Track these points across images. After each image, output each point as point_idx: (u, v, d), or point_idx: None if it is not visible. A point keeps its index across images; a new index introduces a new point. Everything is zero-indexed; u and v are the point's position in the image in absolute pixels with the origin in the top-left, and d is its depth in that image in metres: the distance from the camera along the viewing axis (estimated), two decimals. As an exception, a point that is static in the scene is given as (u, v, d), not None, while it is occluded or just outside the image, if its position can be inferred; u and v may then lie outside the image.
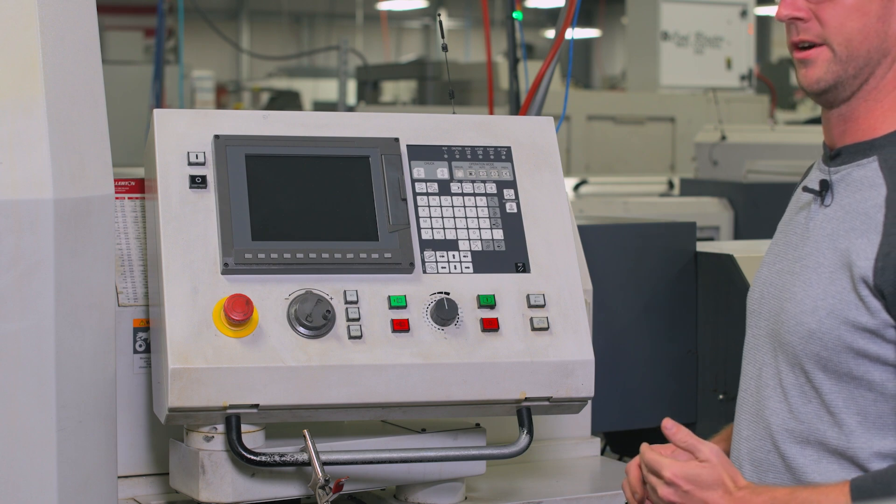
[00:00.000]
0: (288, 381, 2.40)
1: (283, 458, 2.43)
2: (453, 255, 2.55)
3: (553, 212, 2.63)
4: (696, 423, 3.60)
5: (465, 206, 2.60)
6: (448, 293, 2.51)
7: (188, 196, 2.49)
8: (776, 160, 6.44)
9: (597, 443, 3.18)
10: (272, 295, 2.44)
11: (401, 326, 2.47)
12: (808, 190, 2.33)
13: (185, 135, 2.53)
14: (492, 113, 4.11)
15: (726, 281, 3.51)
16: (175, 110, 2.58)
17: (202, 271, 2.44)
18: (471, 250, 2.56)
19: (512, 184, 2.64)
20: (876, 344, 2.17)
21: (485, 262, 2.56)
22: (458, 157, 2.64)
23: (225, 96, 19.16)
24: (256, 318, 2.41)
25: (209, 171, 2.51)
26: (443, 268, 2.54)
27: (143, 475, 2.73)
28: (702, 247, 3.67)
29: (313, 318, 2.42)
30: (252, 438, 2.46)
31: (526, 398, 2.51)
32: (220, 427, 2.46)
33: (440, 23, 3.15)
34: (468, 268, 2.55)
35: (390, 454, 2.52)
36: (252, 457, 2.42)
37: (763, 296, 2.41)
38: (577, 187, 7.40)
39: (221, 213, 2.47)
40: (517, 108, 5.64)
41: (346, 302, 2.46)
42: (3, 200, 2.24)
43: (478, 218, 2.60)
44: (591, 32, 25.82)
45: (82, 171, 2.33)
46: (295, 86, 18.99)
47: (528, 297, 2.54)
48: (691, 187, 6.70)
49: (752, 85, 11.18)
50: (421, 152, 2.62)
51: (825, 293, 2.22)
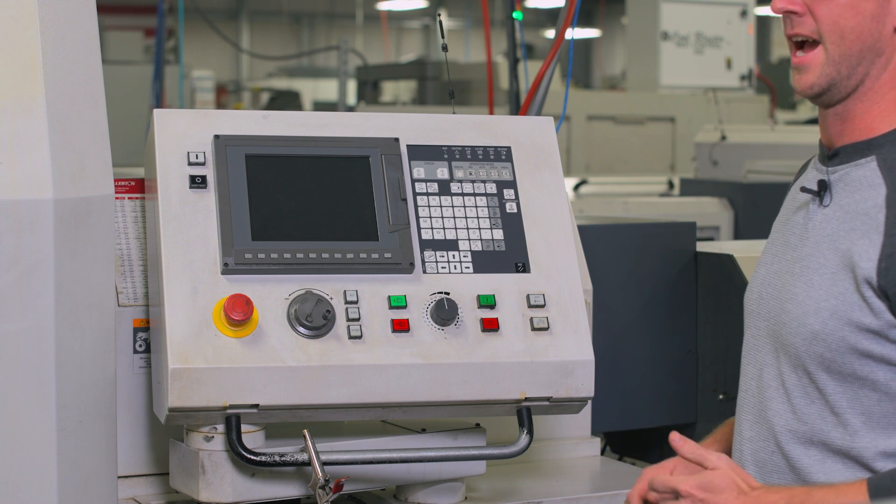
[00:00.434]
0: (288, 381, 2.40)
1: (283, 458, 2.43)
2: (453, 255, 2.55)
3: (553, 212, 2.63)
4: (695, 423, 3.60)
5: (465, 206, 2.60)
6: (448, 293, 2.51)
7: (188, 196, 2.49)
8: (776, 160, 6.44)
9: (597, 443, 3.17)
10: (272, 295, 2.44)
11: (401, 326, 2.47)
12: (806, 190, 2.32)
13: (185, 135, 2.53)
14: (492, 113, 4.11)
15: (726, 281, 3.51)
16: (175, 110, 2.58)
17: (202, 271, 2.44)
18: (471, 250, 2.56)
19: (512, 184, 2.64)
20: (880, 344, 2.16)
21: (485, 262, 2.56)
22: (458, 157, 2.64)
23: (225, 96, 19.16)
24: (256, 318, 2.41)
25: (209, 171, 2.51)
26: (443, 268, 2.54)
27: (143, 475, 2.73)
28: (702, 247, 3.67)
29: (313, 318, 2.42)
30: (252, 438, 2.46)
31: (526, 398, 2.51)
32: (220, 427, 2.46)
33: (440, 23, 3.15)
34: (468, 268, 2.55)
35: (390, 454, 2.52)
36: (252, 457, 2.42)
37: (762, 296, 2.40)
38: (577, 187, 7.40)
39: (221, 213, 2.47)
40: (517, 108, 5.64)
41: (346, 302, 2.46)
42: (3, 200, 2.24)
43: (478, 218, 2.60)
44: (591, 32, 25.82)
45: (82, 171, 2.33)
46: (295, 86, 18.99)
47: (528, 297, 2.54)
48: (691, 187, 6.70)
49: (752, 85, 11.18)
50: (421, 152, 2.62)
51: (828, 294, 2.22)
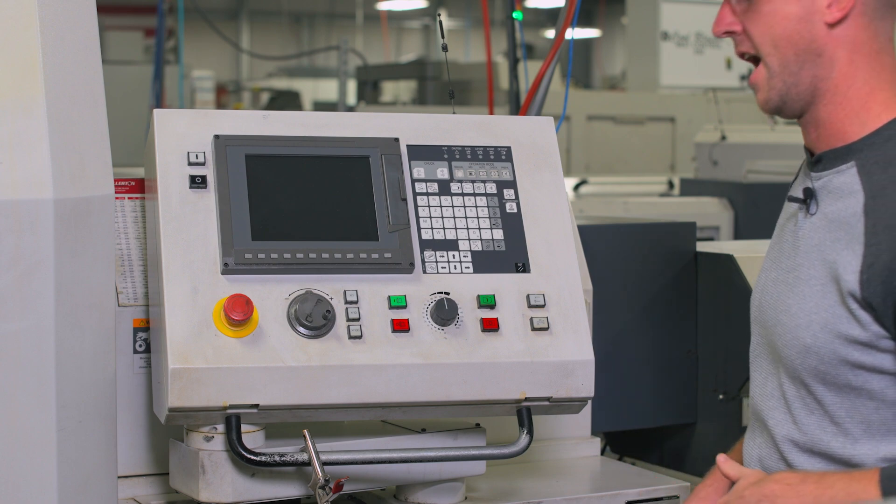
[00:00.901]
0: (288, 381, 2.40)
1: (283, 458, 2.43)
2: (453, 255, 2.55)
3: (553, 212, 2.63)
4: (695, 424, 3.60)
5: (465, 206, 2.60)
6: (448, 293, 2.51)
7: (188, 196, 2.49)
8: (776, 160, 6.44)
9: (597, 443, 3.17)
10: (272, 295, 2.44)
11: (401, 326, 2.47)
12: (792, 199, 2.32)
13: (185, 135, 2.53)
14: (492, 113, 4.11)
15: (726, 281, 3.51)
16: (175, 110, 2.58)
17: (202, 271, 2.44)
18: (471, 250, 2.56)
19: (512, 184, 2.64)
20: (871, 355, 2.15)
21: (485, 262, 2.56)
22: (458, 157, 2.64)
23: (225, 96, 19.16)
24: (256, 318, 2.41)
25: (209, 171, 2.51)
26: (443, 268, 2.54)
27: (143, 475, 2.73)
28: (702, 247, 3.67)
29: (313, 318, 2.42)
30: (252, 438, 2.46)
31: (526, 398, 2.51)
32: (220, 427, 2.46)
33: (440, 23, 3.15)
34: (468, 268, 2.55)
35: (390, 454, 2.52)
36: (252, 457, 2.42)
37: (762, 305, 2.40)
38: (577, 187, 7.40)
39: (221, 213, 2.47)
40: (517, 108, 5.64)
41: (346, 302, 2.47)
42: (3, 200, 2.24)
43: (478, 218, 2.60)
44: (591, 32, 25.82)
45: (82, 171, 2.33)
46: (295, 86, 18.99)
47: (528, 297, 2.54)
48: (691, 187, 6.70)
49: (752, 85, 11.16)
50: (421, 152, 2.62)
51: (817, 307, 2.21)
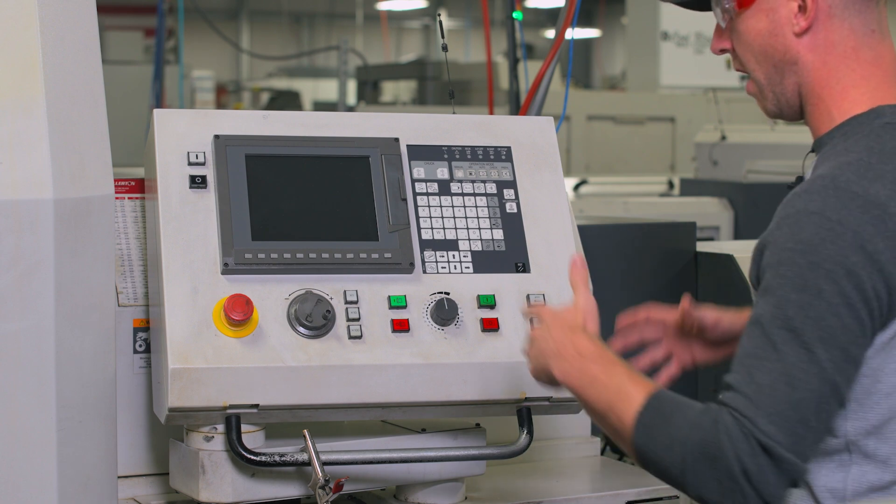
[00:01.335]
0: (288, 381, 2.40)
1: (283, 458, 2.43)
2: (453, 255, 2.55)
3: (553, 212, 2.64)
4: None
5: (465, 206, 2.60)
6: (448, 293, 2.51)
7: (188, 196, 2.49)
8: (776, 160, 6.44)
9: (597, 443, 3.18)
10: (272, 295, 2.44)
11: (401, 326, 2.47)
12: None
13: (185, 135, 2.53)
14: (492, 113, 4.11)
15: (726, 281, 3.51)
16: (175, 110, 2.58)
17: (202, 271, 2.44)
18: (471, 250, 2.56)
19: (512, 184, 2.64)
20: None
21: (485, 262, 2.56)
22: (458, 157, 2.64)
23: (225, 96, 19.15)
24: (256, 318, 2.41)
25: (209, 171, 2.51)
26: (443, 268, 2.54)
27: (143, 475, 2.73)
28: (702, 247, 3.67)
29: (313, 318, 2.42)
30: (252, 438, 2.46)
31: (526, 398, 2.51)
32: (220, 427, 2.46)
33: (440, 23, 3.15)
34: (468, 268, 2.55)
35: (390, 454, 2.52)
36: (252, 457, 2.42)
37: None
38: (577, 187, 7.40)
39: (221, 213, 2.47)
40: (517, 108, 5.64)
41: (346, 302, 2.47)
42: (3, 200, 2.24)
43: (478, 218, 2.60)
44: (591, 32, 25.82)
45: (82, 171, 2.33)
46: (295, 86, 18.99)
47: (528, 297, 2.54)
48: (691, 187, 6.70)
49: (752, 85, 11.15)
50: (421, 152, 2.62)
51: None
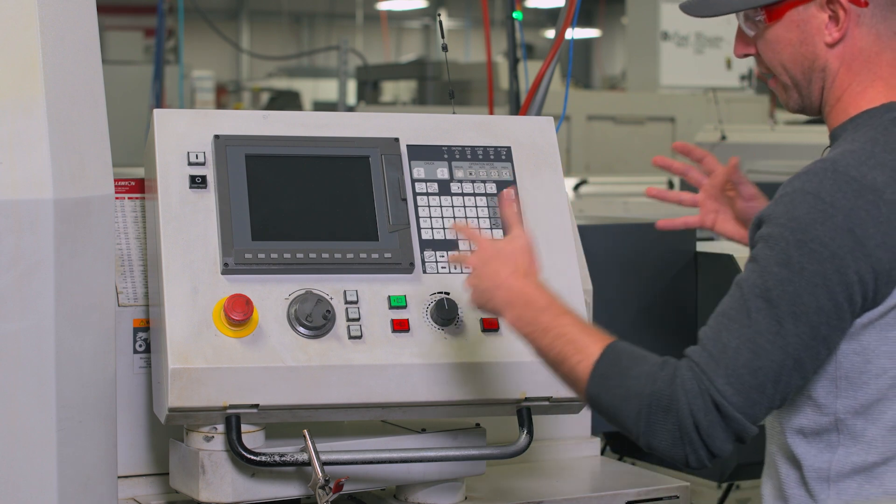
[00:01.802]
0: (288, 381, 2.40)
1: (283, 458, 2.43)
2: (453, 255, 2.55)
3: (553, 212, 2.64)
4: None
5: (465, 206, 2.60)
6: (448, 293, 2.51)
7: (188, 196, 2.49)
8: (776, 160, 6.44)
9: (597, 443, 3.17)
10: (272, 295, 2.44)
11: (401, 326, 2.47)
12: None
13: (185, 135, 2.53)
14: (492, 113, 4.11)
15: (726, 281, 3.49)
16: (175, 110, 2.58)
17: (202, 271, 2.44)
18: (471, 250, 2.56)
19: (512, 184, 2.64)
20: None
21: (485, 262, 2.56)
22: (458, 157, 2.64)
23: (225, 96, 19.15)
24: (256, 318, 2.41)
25: (209, 171, 2.51)
26: (443, 268, 2.54)
27: (143, 475, 2.73)
28: (702, 247, 3.67)
29: (313, 318, 2.42)
30: (252, 438, 2.46)
31: (526, 398, 2.51)
32: (220, 427, 2.46)
33: (440, 23, 3.15)
34: (468, 268, 2.55)
35: (390, 454, 2.52)
36: (252, 457, 2.42)
37: None
38: (577, 187, 7.40)
39: (221, 213, 2.47)
40: (517, 108, 5.63)
41: (346, 302, 2.47)
42: (3, 200, 2.24)
43: (478, 218, 2.60)
44: (591, 32, 25.82)
45: (82, 171, 2.33)
46: (295, 86, 18.98)
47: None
48: (691, 187, 6.68)
49: (752, 85, 11.18)
50: (421, 152, 2.62)
51: None
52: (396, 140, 2.61)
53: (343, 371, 2.42)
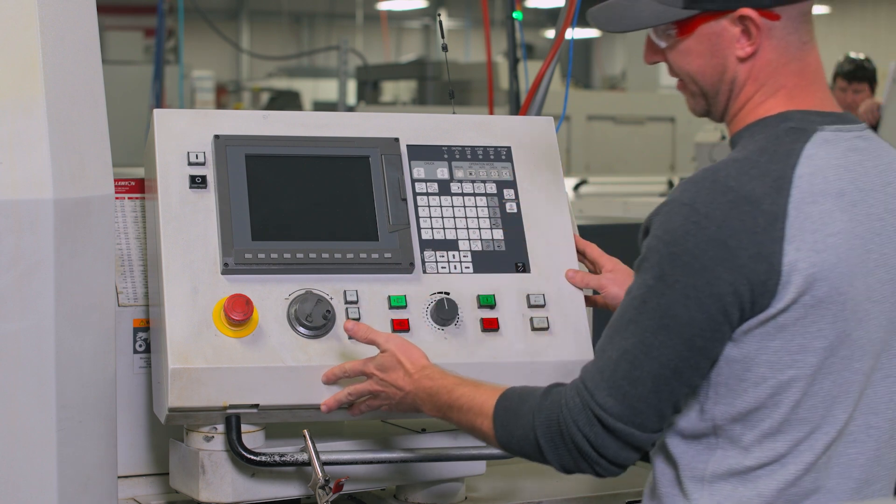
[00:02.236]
0: (288, 381, 2.40)
1: (283, 458, 2.43)
2: (453, 255, 2.55)
3: (553, 212, 2.64)
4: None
5: (465, 206, 2.60)
6: (448, 293, 2.51)
7: (188, 196, 2.49)
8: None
9: (597, 443, 3.17)
10: (272, 295, 2.44)
11: (401, 326, 2.47)
12: None
13: (185, 135, 2.53)
14: (492, 113, 4.11)
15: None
16: (175, 110, 2.58)
17: (202, 271, 2.44)
18: (471, 250, 2.56)
19: (512, 184, 2.64)
20: None
21: (485, 262, 2.56)
22: (458, 157, 2.64)
23: (225, 96, 19.15)
24: (256, 318, 2.41)
25: (209, 171, 2.51)
26: (443, 268, 2.54)
27: (143, 475, 2.73)
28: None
29: (313, 318, 2.42)
30: (252, 438, 2.46)
31: (526, 398, 2.51)
32: (220, 427, 2.46)
33: (440, 23, 3.15)
34: (468, 268, 2.55)
35: (390, 454, 2.52)
36: (252, 457, 2.42)
37: None
38: (577, 187, 7.40)
39: (221, 213, 2.47)
40: (517, 108, 5.64)
41: (346, 302, 2.47)
42: (3, 200, 2.24)
43: (478, 218, 2.60)
44: (591, 32, 25.81)
45: (82, 171, 2.33)
46: (295, 86, 18.98)
47: (528, 297, 2.54)
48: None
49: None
50: (421, 152, 2.62)
51: None
52: (396, 140, 2.61)
53: (343, 371, 2.42)
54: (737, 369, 2.07)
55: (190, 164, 2.51)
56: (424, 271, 2.53)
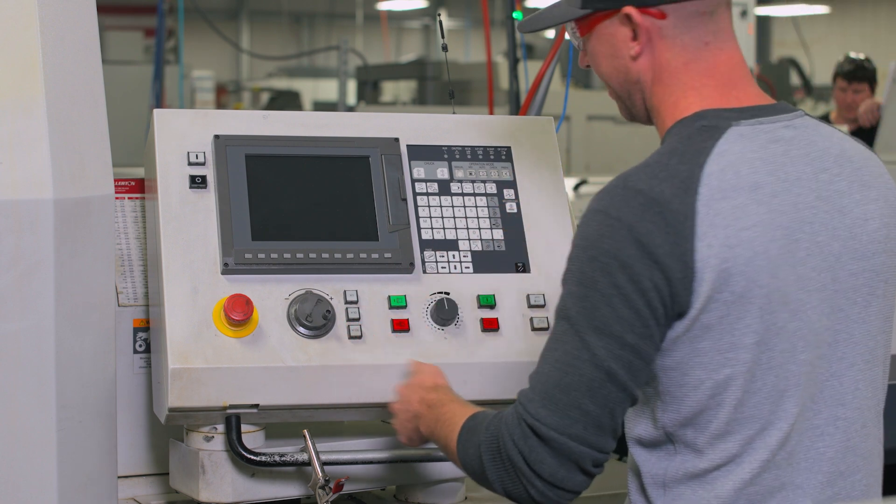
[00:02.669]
0: (288, 381, 2.40)
1: (283, 458, 2.43)
2: (453, 255, 2.55)
3: (553, 212, 2.64)
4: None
5: (465, 206, 2.60)
6: (448, 293, 2.51)
7: (188, 196, 2.49)
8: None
9: (597, 443, 3.17)
10: (272, 295, 2.44)
11: (401, 326, 2.47)
12: None
13: (185, 135, 2.54)
14: (492, 113, 4.11)
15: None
16: (175, 110, 2.58)
17: (202, 271, 2.44)
18: (471, 250, 2.56)
19: (512, 184, 2.64)
20: None
21: (485, 262, 2.56)
22: (458, 157, 2.64)
23: (225, 96, 19.15)
24: (256, 318, 2.41)
25: (209, 171, 2.51)
26: (443, 268, 2.54)
27: (143, 475, 2.73)
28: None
29: (313, 318, 2.42)
30: (252, 438, 2.46)
31: (526, 398, 2.51)
32: (220, 427, 2.46)
33: (440, 23, 3.15)
34: (468, 268, 2.55)
35: (390, 454, 2.52)
36: (252, 457, 2.42)
37: None
38: (577, 187, 7.39)
39: (221, 213, 2.47)
40: (517, 108, 5.63)
41: (346, 302, 2.47)
42: (3, 200, 2.24)
43: (478, 218, 2.60)
44: (591, 32, 25.75)
45: (82, 171, 2.33)
46: (295, 86, 18.98)
47: (528, 297, 2.54)
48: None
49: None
50: (421, 152, 2.62)
51: None
52: (396, 140, 2.61)
53: (343, 371, 2.42)
54: (675, 376, 2.08)
55: (190, 164, 2.51)
56: (424, 271, 2.53)
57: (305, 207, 2.53)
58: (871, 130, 7.24)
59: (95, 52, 2.40)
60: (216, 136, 2.53)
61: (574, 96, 9.87)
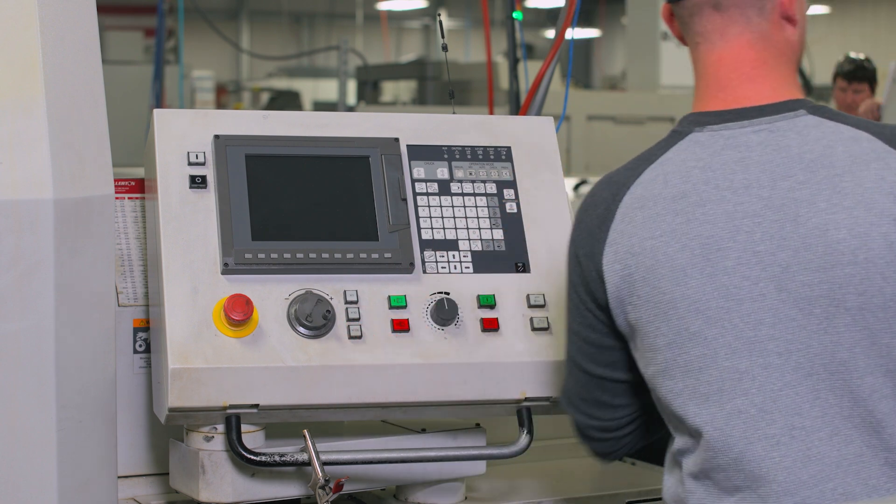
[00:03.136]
0: (288, 381, 2.40)
1: (283, 458, 2.43)
2: (453, 255, 2.55)
3: (553, 212, 2.64)
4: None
5: (465, 206, 2.60)
6: (448, 293, 2.51)
7: (188, 196, 2.49)
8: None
9: (597, 443, 3.17)
10: (272, 295, 2.44)
11: (401, 326, 2.47)
12: None
13: (185, 135, 2.54)
14: (492, 113, 4.10)
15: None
16: (175, 110, 2.58)
17: (202, 271, 2.44)
18: (471, 250, 2.56)
19: (512, 184, 2.64)
20: None
21: (485, 262, 2.56)
22: (458, 157, 2.64)
23: (225, 96, 19.15)
24: (256, 318, 2.41)
25: (209, 171, 2.51)
26: (443, 268, 2.54)
27: (143, 475, 2.73)
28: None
29: (313, 318, 2.42)
30: (252, 438, 2.46)
31: (526, 398, 2.51)
32: (220, 427, 2.46)
33: (440, 23, 3.15)
34: (468, 268, 2.55)
35: (390, 454, 2.52)
36: (252, 457, 2.42)
37: None
38: (577, 187, 7.40)
39: (221, 213, 2.47)
40: (517, 108, 5.63)
41: (346, 302, 2.47)
42: (3, 200, 2.24)
43: (478, 218, 2.60)
44: (591, 32, 25.83)
45: (82, 171, 2.33)
46: (295, 86, 18.99)
47: (528, 297, 2.54)
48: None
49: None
50: (421, 152, 2.62)
51: None
52: (396, 140, 2.61)
53: (343, 371, 2.42)
54: (659, 398, 2.21)
55: (190, 164, 2.51)
56: (424, 271, 2.53)
57: (305, 207, 2.53)
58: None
59: (95, 52, 2.40)
60: (216, 136, 2.53)
61: (574, 96, 9.87)
